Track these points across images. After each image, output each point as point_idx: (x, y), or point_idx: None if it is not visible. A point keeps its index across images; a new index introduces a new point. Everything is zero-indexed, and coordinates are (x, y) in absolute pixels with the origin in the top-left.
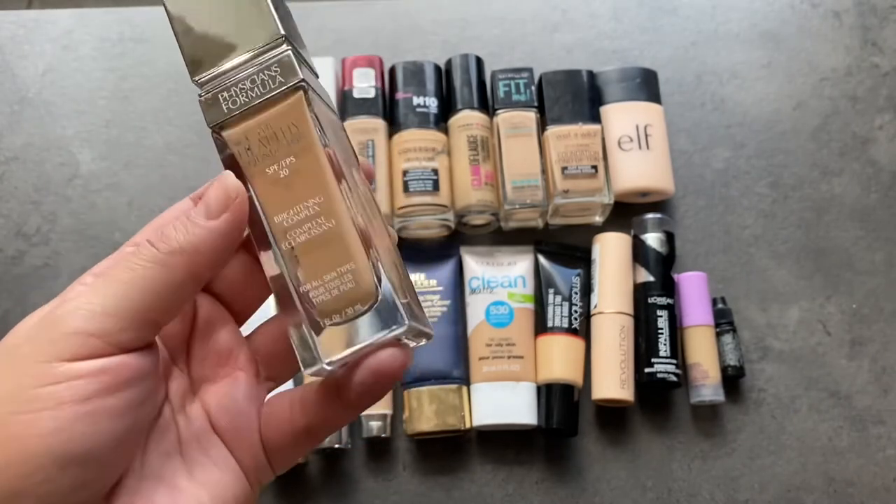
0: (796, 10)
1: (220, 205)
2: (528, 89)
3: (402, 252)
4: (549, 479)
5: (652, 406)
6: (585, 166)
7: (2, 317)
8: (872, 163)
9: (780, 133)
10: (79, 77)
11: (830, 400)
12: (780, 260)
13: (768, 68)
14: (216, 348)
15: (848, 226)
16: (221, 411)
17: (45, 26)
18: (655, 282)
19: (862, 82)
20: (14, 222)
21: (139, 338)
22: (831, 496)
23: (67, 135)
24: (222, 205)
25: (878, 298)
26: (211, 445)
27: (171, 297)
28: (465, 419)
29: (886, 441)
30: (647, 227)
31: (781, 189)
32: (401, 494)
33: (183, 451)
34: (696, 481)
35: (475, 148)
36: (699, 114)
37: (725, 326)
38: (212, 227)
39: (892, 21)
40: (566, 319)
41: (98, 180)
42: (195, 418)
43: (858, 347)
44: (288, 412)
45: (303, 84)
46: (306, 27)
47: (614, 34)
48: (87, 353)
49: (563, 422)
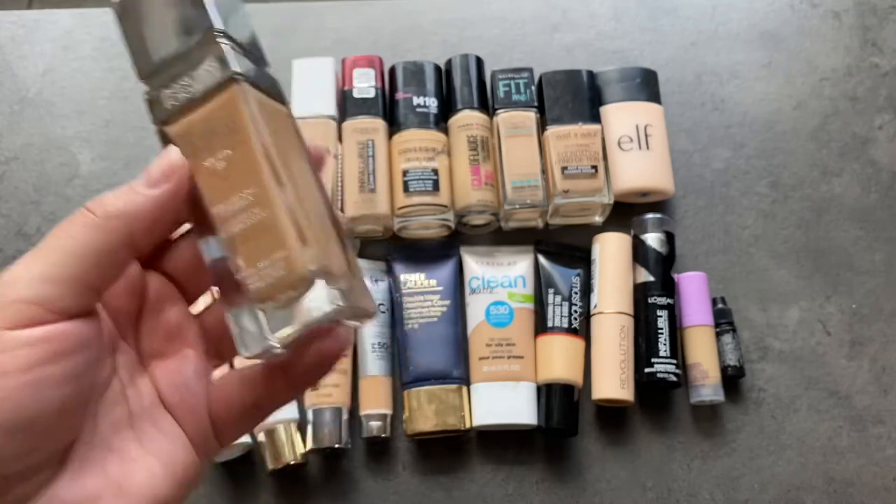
0: (796, 10)
1: (161, 175)
2: (528, 89)
3: (402, 252)
4: (549, 479)
5: (652, 406)
6: (585, 166)
7: None
8: (872, 163)
9: (779, 133)
10: (79, 77)
11: (830, 400)
12: (780, 260)
13: (768, 68)
14: (166, 325)
15: (848, 226)
16: (171, 388)
17: (46, 26)
18: (655, 282)
19: (862, 82)
20: (14, 222)
21: (79, 304)
22: (831, 496)
23: (68, 135)
24: (163, 175)
25: (877, 298)
26: (161, 419)
27: (108, 261)
28: (465, 419)
29: (886, 441)
30: (647, 227)
31: (781, 189)
32: (401, 494)
33: (133, 423)
34: (695, 481)
35: (475, 148)
36: (699, 114)
37: (725, 326)
38: (151, 195)
39: (891, 21)
40: (566, 319)
41: (98, 180)
42: (145, 393)
43: (858, 347)
44: (236, 389)
45: (236, 77)
46: (306, 27)
47: (614, 34)
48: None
49: (563, 422)
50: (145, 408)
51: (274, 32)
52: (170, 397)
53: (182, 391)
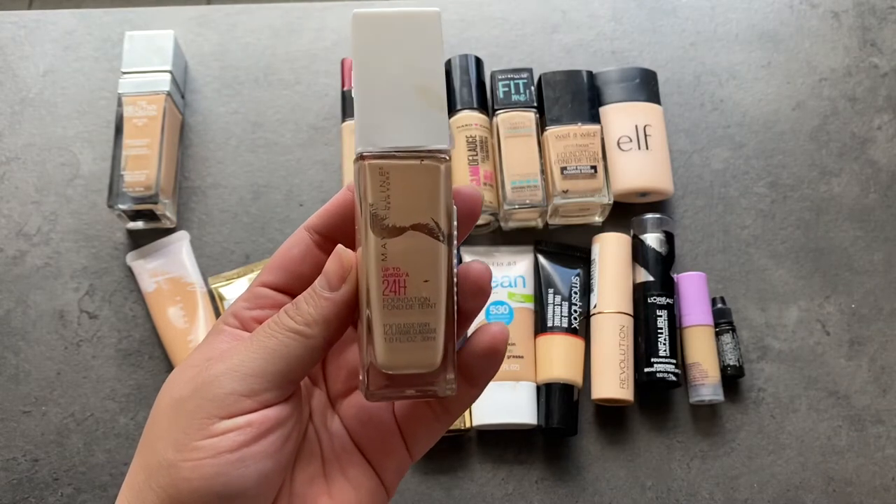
0: (795, 11)
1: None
2: (527, 90)
3: None
4: (548, 479)
5: (651, 406)
6: (585, 166)
7: (3, 317)
8: (871, 163)
9: (779, 133)
10: (80, 77)
11: (829, 399)
12: (779, 260)
13: (767, 69)
14: (346, 365)
15: (847, 226)
16: (359, 425)
17: (46, 27)
18: (655, 282)
19: (861, 83)
20: (15, 222)
21: (281, 395)
22: (830, 495)
23: (68, 135)
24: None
25: (876, 298)
26: (350, 464)
27: (308, 362)
28: (464, 419)
29: (885, 440)
30: (647, 227)
31: (780, 189)
32: (401, 494)
33: (326, 471)
34: (695, 481)
35: (474, 148)
36: (698, 114)
37: (725, 326)
38: (335, 299)
39: (891, 21)
40: (566, 319)
41: (99, 180)
42: (336, 434)
43: (857, 347)
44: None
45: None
46: (306, 27)
47: (614, 35)
48: (238, 410)
49: (562, 421)
50: (336, 452)
51: (274, 32)
52: (359, 435)
53: (369, 427)
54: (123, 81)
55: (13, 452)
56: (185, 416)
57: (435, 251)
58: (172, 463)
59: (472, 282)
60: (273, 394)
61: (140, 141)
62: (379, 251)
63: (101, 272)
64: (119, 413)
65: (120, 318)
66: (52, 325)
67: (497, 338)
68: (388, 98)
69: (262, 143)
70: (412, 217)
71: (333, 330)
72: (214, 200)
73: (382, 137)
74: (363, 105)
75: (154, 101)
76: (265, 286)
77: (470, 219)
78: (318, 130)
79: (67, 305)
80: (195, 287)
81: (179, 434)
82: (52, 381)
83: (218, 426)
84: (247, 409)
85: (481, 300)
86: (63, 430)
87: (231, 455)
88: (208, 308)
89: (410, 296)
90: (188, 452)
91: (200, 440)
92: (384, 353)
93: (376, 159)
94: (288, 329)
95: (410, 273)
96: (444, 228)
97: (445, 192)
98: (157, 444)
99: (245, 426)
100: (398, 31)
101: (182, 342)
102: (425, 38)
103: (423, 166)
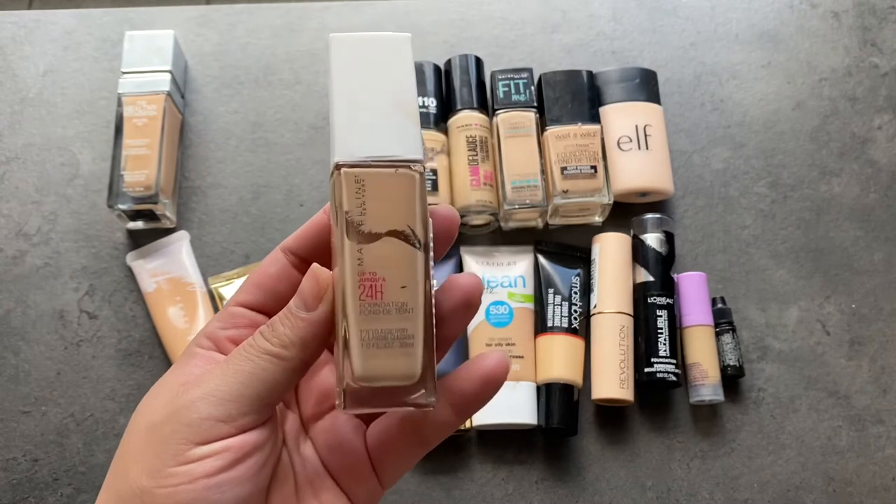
0: (795, 11)
1: (314, 296)
2: (527, 89)
3: None
4: (548, 479)
5: (651, 406)
6: (585, 166)
7: (3, 317)
8: (871, 163)
9: (779, 133)
10: (79, 77)
11: (829, 399)
12: (780, 260)
13: (767, 69)
14: (318, 388)
15: (847, 226)
16: (329, 450)
17: (46, 27)
18: (655, 282)
19: (861, 83)
20: (15, 222)
21: (258, 419)
22: (830, 495)
23: (68, 135)
24: (316, 296)
25: (877, 298)
26: (323, 488)
27: (285, 385)
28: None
29: (885, 440)
30: (647, 227)
31: (781, 189)
32: (401, 494)
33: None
34: (695, 481)
35: (474, 148)
36: (698, 114)
37: (725, 326)
38: (312, 320)
39: (891, 21)
40: (566, 319)
41: (99, 180)
42: (308, 458)
43: (857, 347)
44: (397, 430)
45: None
46: (306, 27)
47: (614, 35)
48: (215, 436)
49: (562, 421)
50: (309, 478)
51: (274, 32)
52: (329, 461)
53: (338, 453)
54: (123, 81)
55: (13, 452)
56: (160, 442)
57: (412, 257)
58: (146, 490)
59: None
60: (250, 418)
61: (140, 141)
62: (355, 256)
63: (100, 272)
64: (119, 413)
65: (120, 318)
66: (52, 325)
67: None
68: (364, 113)
69: (261, 143)
70: (388, 223)
71: (311, 351)
72: (214, 200)
73: (358, 149)
74: (340, 120)
75: (154, 101)
76: (241, 305)
77: (447, 238)
78: (318, 130)
79: (67, 305)
80: (195, 287)
81: (154, 460)
82: (51, 381)
83: (194, 452)
84: (224, 434)
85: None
86: (63, 430)
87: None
88: (208, 308)
89: (388, 301)
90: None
91: (175, 466)
92: (361, 361)
93: (352, 168)
94: (264, 352)
95: (387, 278)
96: (420, 237)
97: (421, 202)
98: (130, 470)
99: (222, 451)
100: (373, 53)
101: (182, 342)
102: (398, 58)
103: (399, 174)
